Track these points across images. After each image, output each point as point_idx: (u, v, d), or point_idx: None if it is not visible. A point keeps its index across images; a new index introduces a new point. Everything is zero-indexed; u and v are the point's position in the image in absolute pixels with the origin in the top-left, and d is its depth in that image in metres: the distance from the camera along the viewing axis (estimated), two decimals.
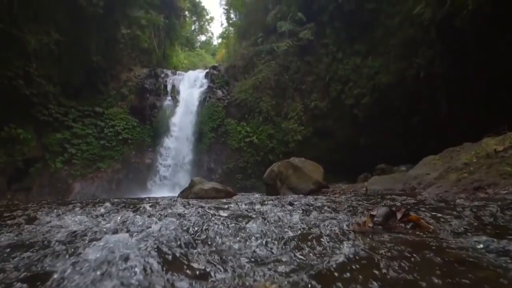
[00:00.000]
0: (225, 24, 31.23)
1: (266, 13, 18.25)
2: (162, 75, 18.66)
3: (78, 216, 2.92)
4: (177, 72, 20.14)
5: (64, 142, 14.49)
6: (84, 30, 14.96)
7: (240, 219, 2.57)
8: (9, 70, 12.12)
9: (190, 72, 20.60)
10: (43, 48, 13.16)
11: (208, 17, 36.57)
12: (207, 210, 3.20)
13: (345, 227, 2.24)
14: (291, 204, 3.66)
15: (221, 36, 31.40)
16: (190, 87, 18.69)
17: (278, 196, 6.29)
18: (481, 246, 1.54)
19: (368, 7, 12.86)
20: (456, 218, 2.26)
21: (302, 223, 2.41)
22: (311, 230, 2.13)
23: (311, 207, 3.24)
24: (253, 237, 1.89)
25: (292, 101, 16.17)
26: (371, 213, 2.26)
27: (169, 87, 18.07)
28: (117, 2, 16.02)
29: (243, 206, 3.73)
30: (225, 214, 2.95)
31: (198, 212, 3.01)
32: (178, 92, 18.04)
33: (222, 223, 2.32)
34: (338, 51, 14.38)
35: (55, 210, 3.61)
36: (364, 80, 13.05)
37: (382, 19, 12.42)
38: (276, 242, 1.79)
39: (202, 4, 31.73)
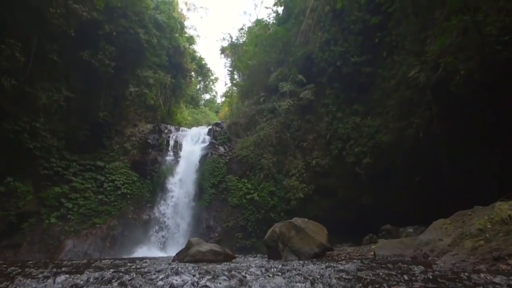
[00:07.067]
0: (229, 84, 32.88)
1: (268, 75, 19.28)
2: (166, 131, 19.04)
3: None
4: (181, 128, 20.66)
5: (61, 196, 14.15)
6: (94, 88, 15.65)
7: None
8: (16, 125, 12.29)
9: (194, 129, 21.15)
10: (52, 104, 13.58)
11: (213, 77, 38.49)
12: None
13: None
14: (297, 275, 3.37)
15: (225, 95, 32.84)
16: (192, 143, 18.95)
17: (281, 261, 5.89)
18: None
19: (365, 71, 13.54)
20: None
21: None
22: None
23: (318, 280, 2.96)
24: None
25: (293, 158, 16.20)
26: None
27: (171, 143, 18.30)
28: (128, 62, 17.01)
29: (243, 276, 3.44)
30: None
31: None
32: (180, 148, 18.22)
33: None
34: (338, 111, 14.77)
35: None
36: (365, 138, 13.16)
37: (378, 81, 12.93)
38: None
39: (208, 66, 33.65)
